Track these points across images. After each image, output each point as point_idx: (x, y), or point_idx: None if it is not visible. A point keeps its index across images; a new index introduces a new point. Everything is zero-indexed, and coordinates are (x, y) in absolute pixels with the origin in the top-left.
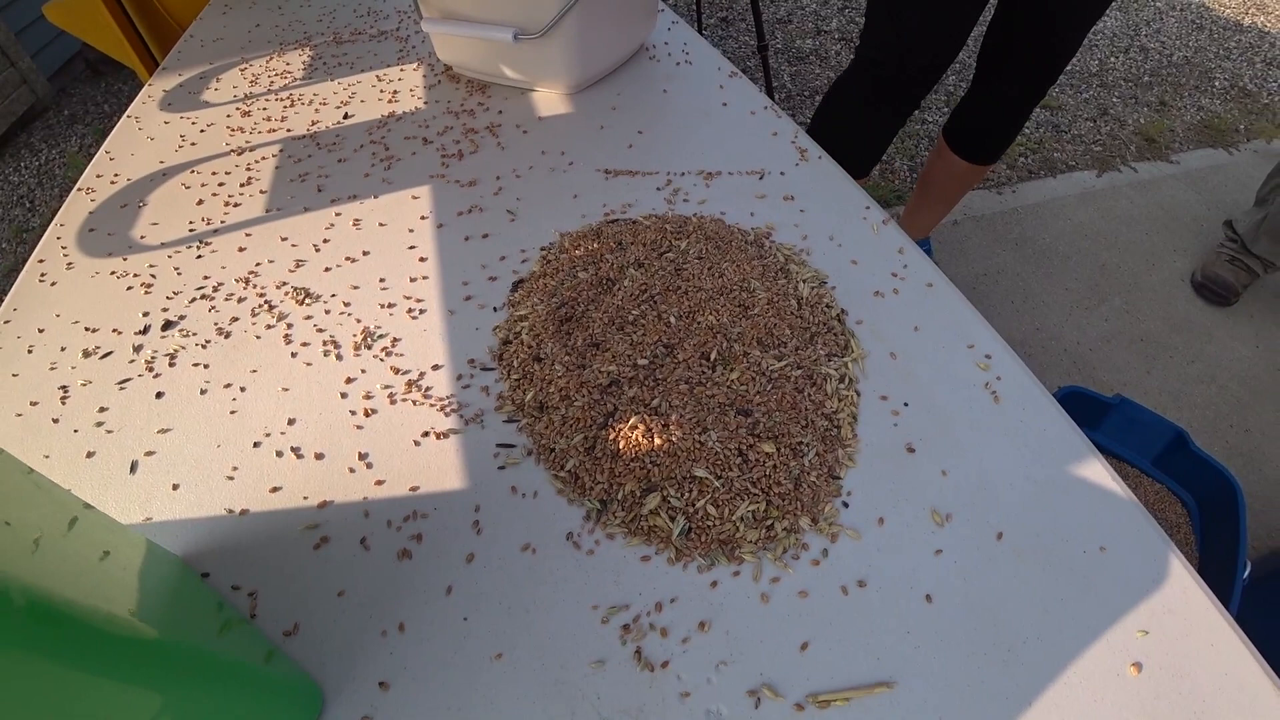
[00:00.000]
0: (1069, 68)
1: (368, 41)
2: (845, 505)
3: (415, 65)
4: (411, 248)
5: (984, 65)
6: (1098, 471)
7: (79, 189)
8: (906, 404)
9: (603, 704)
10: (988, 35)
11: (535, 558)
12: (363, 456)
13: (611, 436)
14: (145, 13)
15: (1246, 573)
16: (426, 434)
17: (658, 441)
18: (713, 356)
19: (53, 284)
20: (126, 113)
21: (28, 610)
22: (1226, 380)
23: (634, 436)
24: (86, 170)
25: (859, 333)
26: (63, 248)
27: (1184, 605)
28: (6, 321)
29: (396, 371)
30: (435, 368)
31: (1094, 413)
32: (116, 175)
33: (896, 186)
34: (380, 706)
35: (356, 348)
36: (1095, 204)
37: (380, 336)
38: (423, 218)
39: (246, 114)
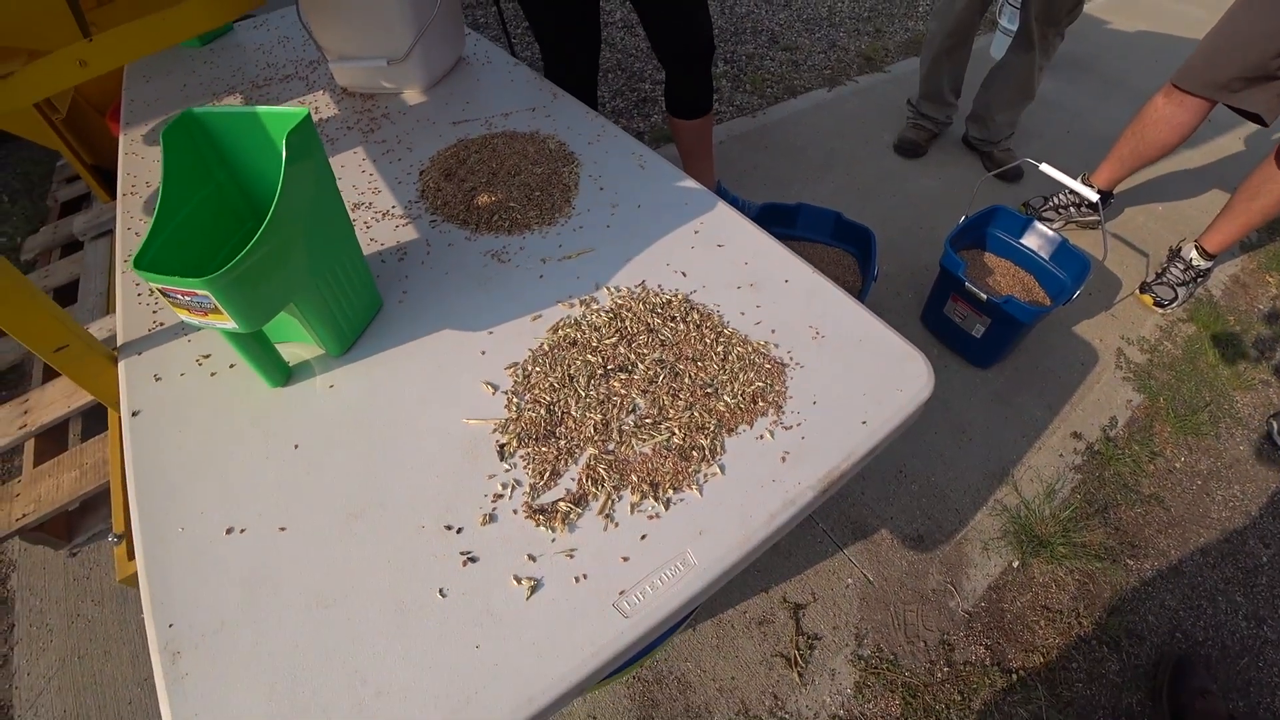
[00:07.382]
0: (806, 15)
1: (280, 83)
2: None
3: (322, 91)
4: (361, 170)
5: (657, 54)
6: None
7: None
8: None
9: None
10: (647, 35)
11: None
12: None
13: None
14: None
15: (875, 273)
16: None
17: None
18: (528, 193)
19: None
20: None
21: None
22: (919, 202)
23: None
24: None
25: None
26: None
27: (842, 305)
28: None
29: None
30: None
31: (787, 216)
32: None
33: None
34: (410, 289)
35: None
36: (827, 111)
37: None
38: (363, 159)
39: None
